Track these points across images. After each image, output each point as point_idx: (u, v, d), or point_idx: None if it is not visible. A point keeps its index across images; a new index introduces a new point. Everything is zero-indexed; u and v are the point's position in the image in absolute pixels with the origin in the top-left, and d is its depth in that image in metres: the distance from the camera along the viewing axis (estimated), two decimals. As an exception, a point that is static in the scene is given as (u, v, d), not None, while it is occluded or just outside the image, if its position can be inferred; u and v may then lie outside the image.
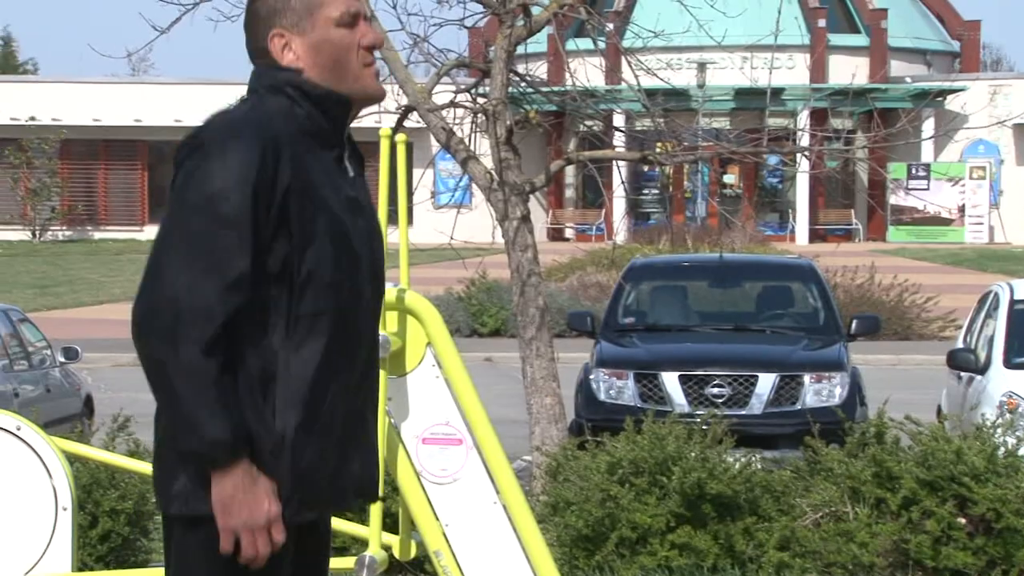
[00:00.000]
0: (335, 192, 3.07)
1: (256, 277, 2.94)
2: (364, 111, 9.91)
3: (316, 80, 3.08)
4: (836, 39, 45.53)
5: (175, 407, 2.89)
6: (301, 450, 2.98)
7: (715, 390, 11.57)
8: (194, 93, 45.41)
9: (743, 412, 11.37)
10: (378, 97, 3.17)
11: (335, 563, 6.35)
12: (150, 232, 47.20)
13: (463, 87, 10.54)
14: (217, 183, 2.93)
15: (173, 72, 68.42)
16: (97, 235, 47.76)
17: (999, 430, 8.57)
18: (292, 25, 3.07)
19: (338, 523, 6.99)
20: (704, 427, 8.58)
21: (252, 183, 2.92)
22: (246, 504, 2.90)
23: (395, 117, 10.00)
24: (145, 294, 2.94)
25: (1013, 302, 12.15)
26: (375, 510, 5.36)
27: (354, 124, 10.82)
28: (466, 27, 10.81)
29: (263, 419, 2.96)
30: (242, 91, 3.24)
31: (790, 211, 46.01)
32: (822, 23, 44.86)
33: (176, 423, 2.91)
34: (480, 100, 10.24)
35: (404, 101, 9.93)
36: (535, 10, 9.88)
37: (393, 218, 5.49)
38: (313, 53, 3.07)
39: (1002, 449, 8.38)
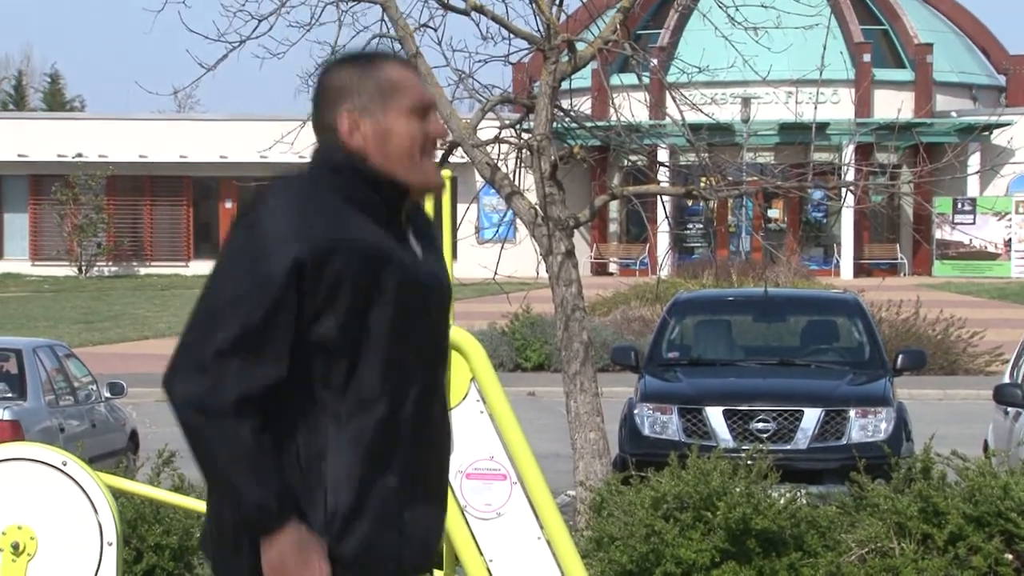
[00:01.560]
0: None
1: (301, 349, 2.92)
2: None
3: (378, 166, 3.01)
4: (881, 74, 45.47)
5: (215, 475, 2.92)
6: (351, 533, 2.94)
7: (760, 425, 11.53)
8: (239, 129, 45.77)
9: (788, 447, 11.32)
10: (437, 188, 3.08)
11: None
12: (195, 267, 47.55)
13: (507, 123, 10.58)
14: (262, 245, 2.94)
15: (219, 109, 68.82)
16: (143, 271, 48.09)
17: (1046, 466, 8.50)
18: (363, 107, 3.00)
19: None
20: (749, 462, 8.55)
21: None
22: (296, 568, 2.89)
23: (440, 152, 10.04)
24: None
25: (1060, 337, 12.08)
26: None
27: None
28: (511, 63, 10.85)
29: (312, 497, 2.93)
30: (286, 127, 3.26)
31: (835, 245, 45.88)
32: (867, 58, 44.83)
33: (218, 490, 2.93)
34: (524, 135, 10.28)
35: (449, 137, 9.98)
36: (579, 46, 9.92)
37: (437, 253, 5.51)
38: (381, 139, 3.00)
39: (1050, 485, 8.32)
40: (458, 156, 10.16)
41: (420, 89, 3.03)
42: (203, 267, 47.74)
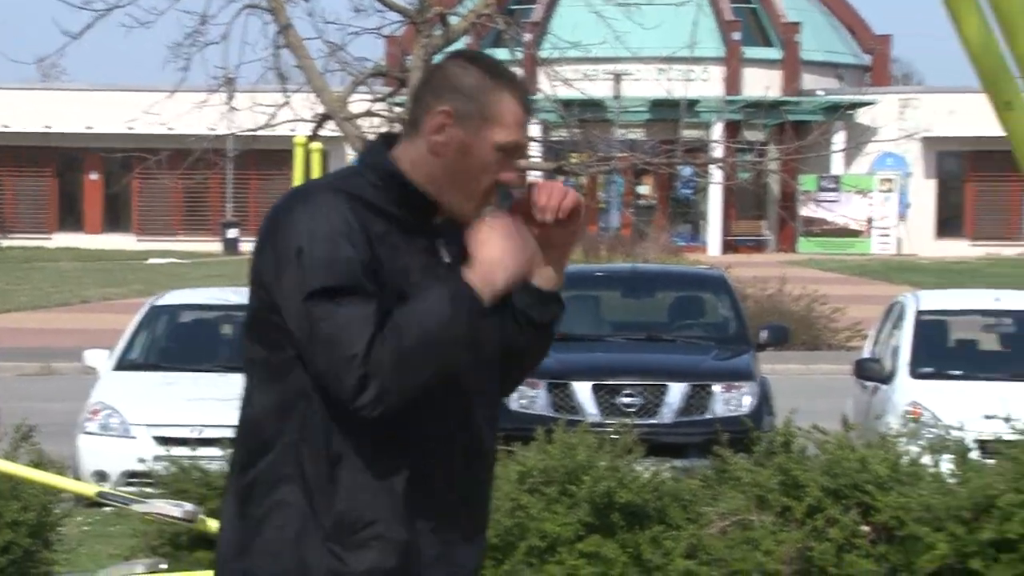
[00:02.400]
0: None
1: None
2: (278, 119, 9.82)
3: (434, 186, 2.91)
4: (750, 52, 45.99)
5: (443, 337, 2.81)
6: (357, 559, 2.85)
7: (626, 399, 11.66)
8: (106, 100, 45.05)
9: (653, 421, 11.47)
10: (467, 222, 2.93)
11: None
12: (58, 240, 46.80)
13: (380, 96, 10.55)
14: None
15: (84, 78, 67.51)
16: (4, 242, 47.21)
17: (903, 439, 8.71)
18: (465, 114, 2.89)
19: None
20: (615, 436, 8.65)
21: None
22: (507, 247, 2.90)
23: (311, 125, 9.99)
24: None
25: (919, 313, 12.35)
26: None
27: (268, 132, 10.70)
28: (383, 36, 10.83)
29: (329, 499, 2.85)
30: (153, 98, 3.21)
31: (703, 222, 46.40)
32: (736, 36, 45.32)
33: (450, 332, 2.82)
34: (397, 109, 10.26)
35: (320, 109, 9.93)
36: (453, 19, 9.92)
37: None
38: (459, 152, 2.90)
39: (905, 458, 8.52)
40: (329, 129, 10.11)
41: (521, 131, 2.94)
42: (67, 239, 47.02)
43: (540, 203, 2.94)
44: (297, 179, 5.52)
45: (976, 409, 9.64)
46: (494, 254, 2.87)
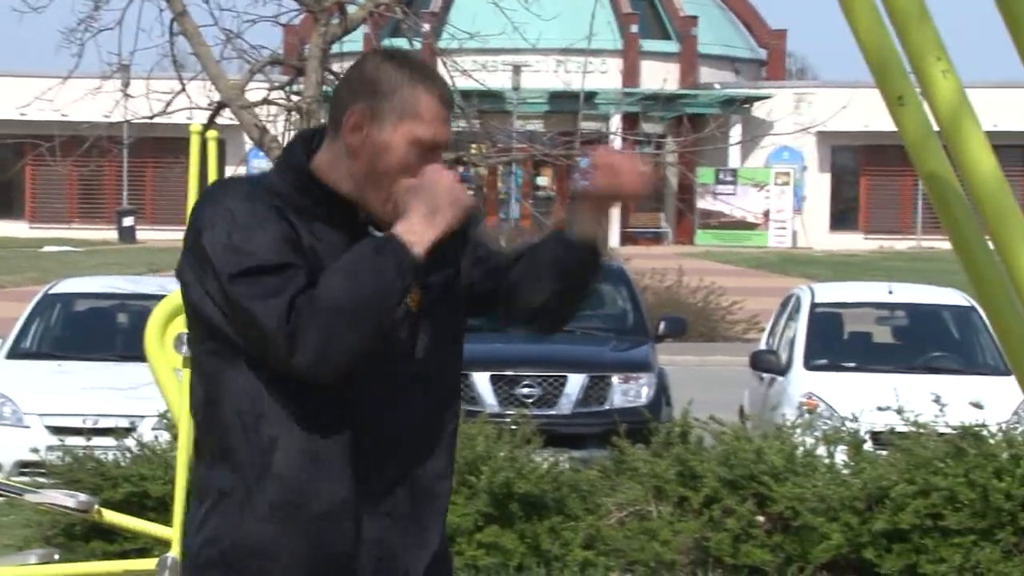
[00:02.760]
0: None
1: None
2: (174, 106, 9.70)
3: (345, 176, 2.88)
4: (648, 45, 46.23)
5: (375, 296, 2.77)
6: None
7: (525, 390, 11.68)
8: (-3, 84, 44.30)
9: (552, 412, 11.50)
10: (388, 222, 2.88)
11: (137, 564, 6.29)
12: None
13: (277, 84, 10.47)
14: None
15: (-24, 61, 66.52)
16: None
17: (798, 430, 8.81)
18: (380, 112, 2.86)
19: (139, 524, 6.91)
20: (514, 427, 8.66)
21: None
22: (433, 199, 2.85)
23: (207, 113, 9.90)
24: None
25: (814, 305, 12.49)
26: (178, 510, 5.31)
27: (164, 120, 10.58)
28: (281, 24, 10.74)
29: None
30: (46, 84, 3.15)
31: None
32: (634, 28, 45.52)
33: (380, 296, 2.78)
34: (294, 98, 10.19)
35: (216, 97, 9.84)
36: (350, 8, 9.86)
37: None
38: (375, 151, 2.87)
39: (800, 449, 8.62)
40: (227, 118, 10.02)
41: (441, 128, 2.89)
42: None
43: (625, 178, 3.00)
44: (193, 167, 5.46)
45: (870, 401, 9.77)
46: (429, 201, 2.83)
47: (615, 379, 11.82)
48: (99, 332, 13.32)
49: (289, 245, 2.80)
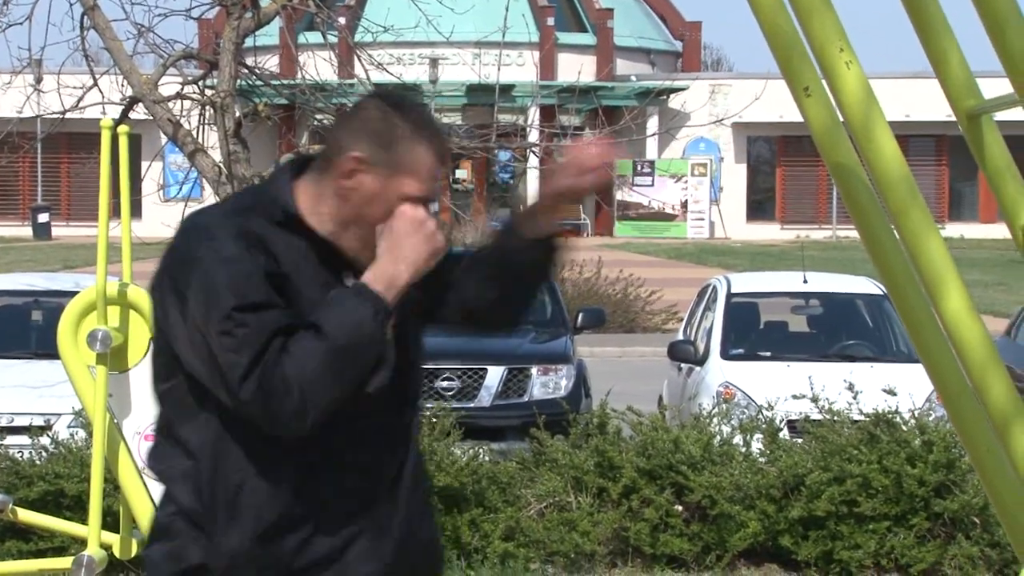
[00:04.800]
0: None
1: None
2: (86, 102, 9.61)
3: (327, 213, 2.85)
4: (564, 37, 46.30)
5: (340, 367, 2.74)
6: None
7: (444, 383, 11.68)
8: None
9: (472, 405, 11.50)
10: (361, 267, 2.87)
11: (54, 563, 6.23)
12: None
13: (190, 79, 10.40)
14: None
15: None
16: None
17: (715, 419, 8.87)
18: (378, 162, 2.83)
19: (55, 523, 6.84)
20: (433, 420, 8.66)
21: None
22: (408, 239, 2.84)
23: (120, 108, 9.81)
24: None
25: (730, 295, 12.57)
26: (94, 508, 5.27)
27: (78, 115, 10.45)
28: (193, 18, 10.66)
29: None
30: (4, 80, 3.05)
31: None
32: (550, 21, 45.57)
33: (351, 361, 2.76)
34: (208, 92, 10.12)
35: (129, 92, 9.75)
36: (264, 2, 9.81)
37: (116, 211, 5.41)
38: (366, 198, 2.84)
39: (718, 438, 8.68)
40: (141, 113, 9.94)
41: (434, 185, 2.88)
42: None
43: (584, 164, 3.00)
44: (104, 163, 5.42)
45: (785, 389, 9.85)
46: (398, 245, 2.82)
47: (534, 371, 11.85)
48: (13, 329, 13.16)
49: (271, 283, 2.77)
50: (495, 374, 11.76)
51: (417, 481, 3.00)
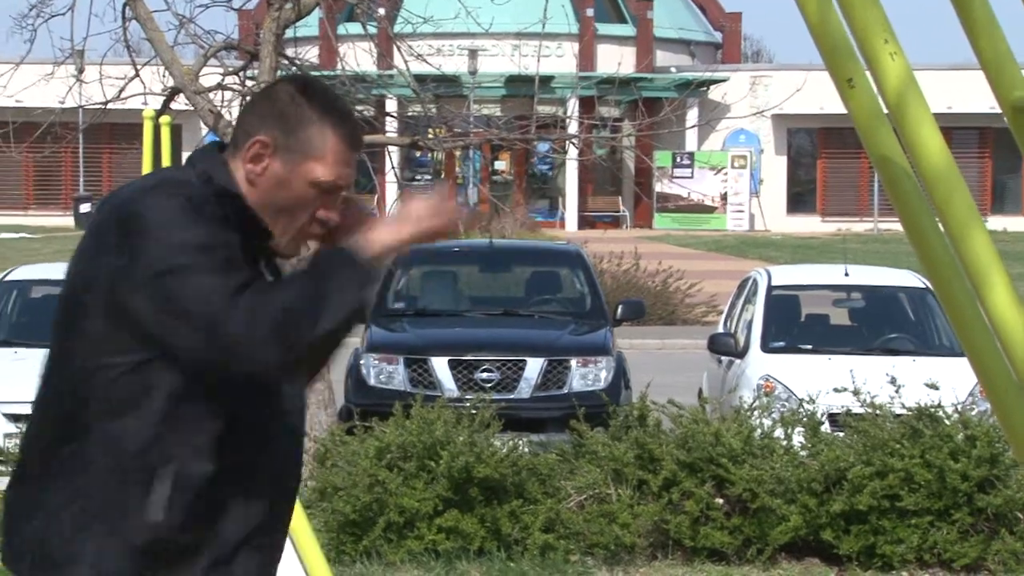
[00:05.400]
0: None
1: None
2: (128, 92, 9.64)
3: (253, 204, 2.81)
4: (603, 28, 46.22)
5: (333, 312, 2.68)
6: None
7: (484, 375, 11.68)
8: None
9: (511, 396, 11.50)
10: (288, 257, 2.86)
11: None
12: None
13: (231, 70, 10.43)
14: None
15: (-71, 48, 65.90)
16: None
17: (756, 412, 8.84)
18: (284, 146, 2.78)
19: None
20: (473, 411, 8.67)
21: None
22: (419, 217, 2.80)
23: (162, 99, 9.85)
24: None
25: (770, 288, 12.52)
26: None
27: (120, 105, 10.53)
28: (234, 9, 10.70)
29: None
30: (1, 69, 3.06)
31: (560, 198, 46.62)
32: (590, 12, 45.50)
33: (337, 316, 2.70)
34: (249, 83, 10.15)
35: (170, 83, 9.79)
36: (304, -7, 9.83)
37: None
38: (275, 183, 2.79)
39: (758, 431, 8.65)
40: (182, 103, 9.98)
41: (344, 171, 2.81)
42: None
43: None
44: (147, 152, 5.43)
45: (827, 383, 9.80)
46: (404, 212, 2.79)
47: (574, 363, 11.83)
48: (55, 319, 13.24)
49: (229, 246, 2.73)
50: (535, 366, 11.75)
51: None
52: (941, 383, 9.26)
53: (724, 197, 45.40)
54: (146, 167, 5.59)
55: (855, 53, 2.50)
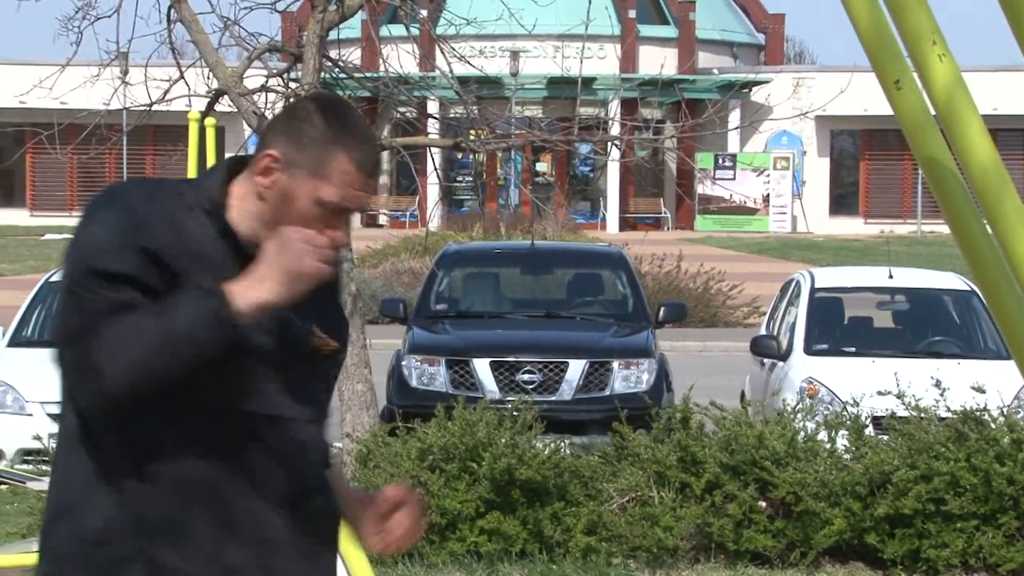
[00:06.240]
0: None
1: None
2: (172, 94, 9.67)
3: (256, 225, 2.82)
4: (646, 30, 46.17)
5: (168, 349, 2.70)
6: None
7: (526, 376, 11.67)
8: (-3, 72, 44.32)
9: (553, 398, 11.49)
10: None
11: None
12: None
13: (275, 72, 10.47)
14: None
15: (-25, 50, 66.44)
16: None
17: (799, 415, 8.80)
18: (295, 163, 2.79)
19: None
20: (515, 413, 8.66)
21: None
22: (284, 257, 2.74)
23: (206, 100, 9.89)
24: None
25: (813, 290, 12.47)
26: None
27: (164, 107, 10.58)
28: (278, 11, 10.73)
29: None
30: (45, 72, 3.11)
31: (601, 199, 46.58)
32: (632, 14, 45.47)
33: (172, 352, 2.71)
34: (292, 85, 10.18)
35: (215, 85, 9.83)
36: (347, -4, 9.85)
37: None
38: (281, 198, 2.80)
39: (802, 434, 8.62)
40: (225, 105, 10.01)
41: (352, 194, 2.80)
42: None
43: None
44: (192, 154, 5.46)
45: (870, 385, 9.75)
46: (265, 262, 2.75)
47: (616, 365, 11.81)
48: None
49: (145, 258, 2.74)
50: (576, 368, 11.74)
51: None
52: (987, 386, 9.19)
53: (766, 199, 45.25)
54: (191, 169, 5.62)
55: (902, 55, 2.49)
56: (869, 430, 9.06)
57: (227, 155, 3.45)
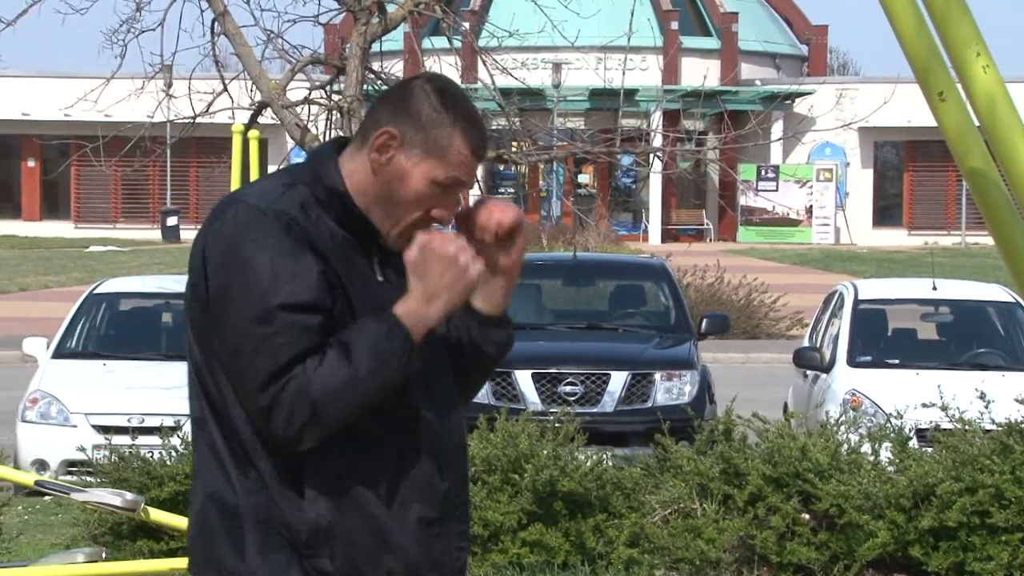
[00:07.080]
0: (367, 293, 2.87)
1: None
2: (216, 107, 9.74)
3: (364, 200, 2.87)
4: (688, 41, 46.14)
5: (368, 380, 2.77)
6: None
7: (568, 388, 11.67)
8: (42, 86, 44.68)
9: (595, 410, 11.48)
10: (390, 247, 2.90)
11: (183, 563, 6.32)
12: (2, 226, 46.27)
13: (318, 84, 10.50)
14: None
15: (20, 65, 66.93)
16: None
17: (842, 427, 8.77)
18: (411, 141, 2.84)
19: (185, 522, 6.94)
20: (556, 425, 8.66)
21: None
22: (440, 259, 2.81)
23: (249, 113, 9.93)
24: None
25: (857, 302, 12.43)
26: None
27: (207, 120, 10.62)
28: (321, 24, 10.77)
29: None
30: (89, 85, 3.14)
31: (643, 211, 46.55)
32: (675, 25, 45.45)
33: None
34: (335, 97, 10.22)
35: (258, 97, 9.88)
36: (390, 7, 9.88)
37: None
38: (396, 176, 2.86)
39: (845, 446, 8.58)
40: (268, 117, 10.06)
41: (462, 171, 2.86)
42: (4, 227, 46.54)
43: (480, 221, 2.89)
44: (236, 167, 5.49)
45: (914, 398, 9.70)
46: (430, 283, 2.80)
47: (658, 376, 11.79)
48: (144, 331, 13.40)
49: (322, 282, 2.78)
50: (618, 379, 11.73)
51: None
52: (1031, 399, 9.12)
53: (809, 210, 45.11)
54: (235, 181, 5.65)
55: (946, 66, 2.48)
56: (913, 442, 9.01)
57: (270, 167, 3.48)
